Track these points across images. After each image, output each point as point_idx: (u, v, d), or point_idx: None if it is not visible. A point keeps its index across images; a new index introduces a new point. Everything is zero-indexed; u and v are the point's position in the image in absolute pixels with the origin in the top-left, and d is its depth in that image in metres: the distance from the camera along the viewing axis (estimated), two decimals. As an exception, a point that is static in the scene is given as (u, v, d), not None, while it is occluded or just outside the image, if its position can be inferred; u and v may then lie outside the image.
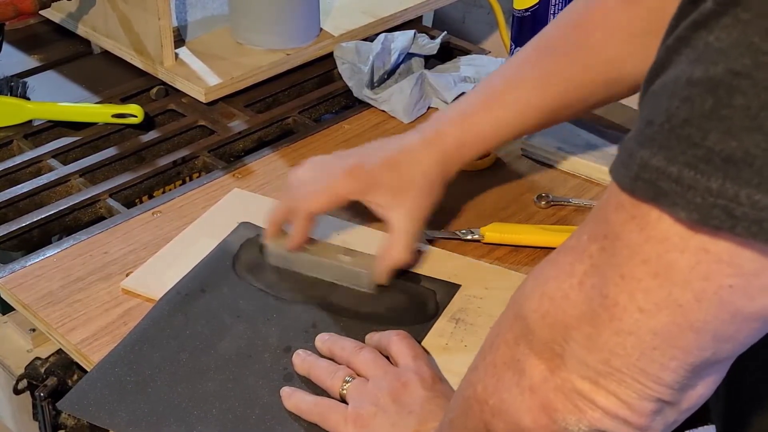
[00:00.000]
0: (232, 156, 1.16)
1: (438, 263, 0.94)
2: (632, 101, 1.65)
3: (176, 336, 0.85)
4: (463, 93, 1.16)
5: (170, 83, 1.23)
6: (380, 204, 0.89)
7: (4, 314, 1.04)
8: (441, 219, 1.00)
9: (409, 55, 1.23)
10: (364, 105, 1.21)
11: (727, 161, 0.42)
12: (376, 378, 0.78)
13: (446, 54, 1.36)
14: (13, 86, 1.19)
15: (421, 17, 1.42)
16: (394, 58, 1.19)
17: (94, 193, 1.05)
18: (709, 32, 0.43)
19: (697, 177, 0.43)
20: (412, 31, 1.23)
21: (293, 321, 0.87)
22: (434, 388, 0.76)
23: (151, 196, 1.10)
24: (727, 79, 0.42)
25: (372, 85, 1.19)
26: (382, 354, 0.82)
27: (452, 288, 0.90)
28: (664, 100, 0.45)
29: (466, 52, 1.33)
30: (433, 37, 1.30)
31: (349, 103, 1.26)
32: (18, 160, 1.11)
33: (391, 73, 1.21)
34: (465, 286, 0.91)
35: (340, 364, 0.81)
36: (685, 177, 0.43)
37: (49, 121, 1.18)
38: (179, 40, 1.27)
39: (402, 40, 1.21)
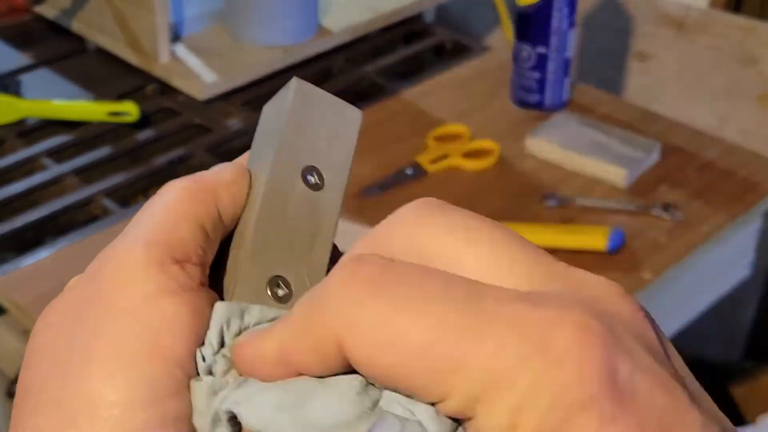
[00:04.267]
0: (229, 155, 1.14)
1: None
2: (636, 101, 1.63)
3: None
4: None
5: (166, 80, 1.21)
6: None
7: (-3, 316, 1.02)
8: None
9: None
10: (363, 103, 1.20)
11: None
12: None
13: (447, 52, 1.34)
14: (7, 84, 1.18)
15: (422, 13, 1.40)
16: None
17: (89, 193, 1.04)
18: None
19: None
20: None
21: None
22: None
23: (147, 196, 1.08)
24: None
25: None
26: None
27: None
28: None
29: (467, 49, 1.32)
30: (433, 35, 1.28)
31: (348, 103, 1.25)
32: (11, 159, 1.10)
33: None
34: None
35: None
36: None
37: (43, 120, 1.16)
38: (175, 37, 1.26)
39: None
